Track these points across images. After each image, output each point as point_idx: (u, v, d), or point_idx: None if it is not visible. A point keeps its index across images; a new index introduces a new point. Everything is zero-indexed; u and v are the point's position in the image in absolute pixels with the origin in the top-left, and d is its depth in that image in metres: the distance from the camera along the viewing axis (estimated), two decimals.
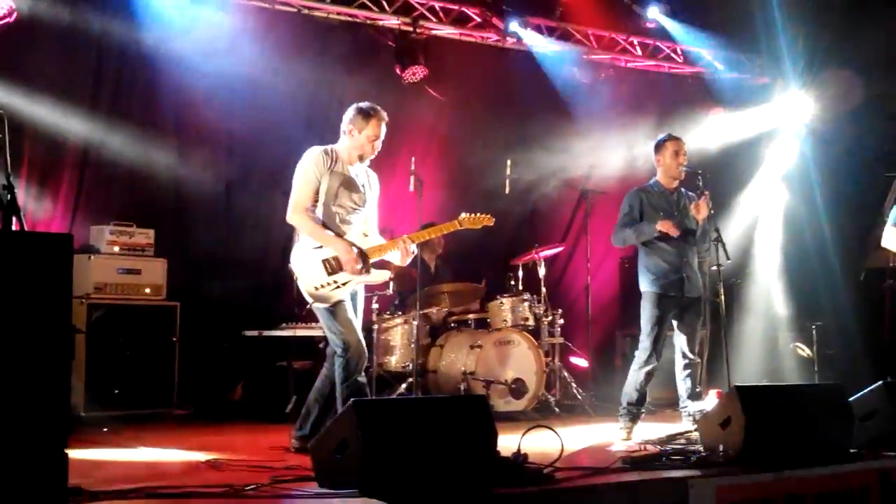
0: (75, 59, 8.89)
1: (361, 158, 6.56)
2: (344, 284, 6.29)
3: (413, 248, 6.55)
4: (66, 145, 8.86)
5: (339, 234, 6.34)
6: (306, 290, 6.29)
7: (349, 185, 6.45)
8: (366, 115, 6.47)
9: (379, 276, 6.61)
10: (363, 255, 6.38)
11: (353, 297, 6.46)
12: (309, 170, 6.35)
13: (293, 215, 6.31)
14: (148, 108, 9.35)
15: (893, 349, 8.51)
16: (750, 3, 11.37)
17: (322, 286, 6.24)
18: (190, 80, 9.20)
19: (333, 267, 6.26)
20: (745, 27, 11.67)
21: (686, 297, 7.43)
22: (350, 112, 6.53)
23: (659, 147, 7.64)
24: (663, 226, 7.31)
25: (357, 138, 6.48)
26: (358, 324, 6.42)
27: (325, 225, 6.33)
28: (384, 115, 6.52)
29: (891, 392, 6.30)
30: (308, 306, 6.43)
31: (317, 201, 6.35)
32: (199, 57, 9.13)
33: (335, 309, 6.28)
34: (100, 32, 8.94)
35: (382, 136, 6.55)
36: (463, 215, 6.96)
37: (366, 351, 6.40)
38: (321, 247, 6.28)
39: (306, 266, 6.28)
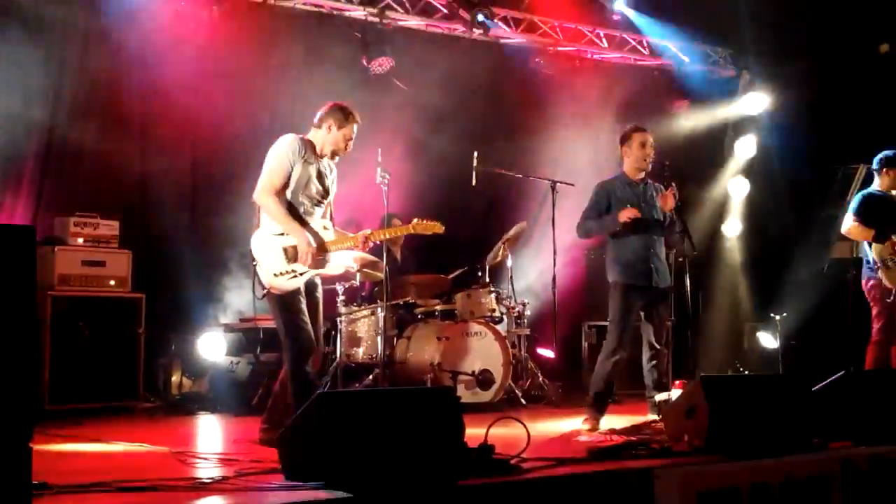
0: (39, 45, 8.80)
1: (333, 154, 6.59)
2: (301, 274, 6.28)
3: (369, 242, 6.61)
4: (29, 135, 8.78)
5: (302, 224, 6.34)
6: (265, 276, 6.26)
7: (318, 176, 6.48)
8: (346, 114, 6.52)
9: (336, 269, 6.62)
10: (322, 247, 6.40)
11: (313, 289, 6.47)
12: (284, 155, 6.33)
13: (263, 196, 6.27)
14: (112, 97, 9.27)
15: (856, 339, 8.59)
16: None
17: (280, 273, 6.24)
18: (155, 69, 9.14)
19: (290, 256, 6.26)
20: (710, 20, 11.73)
21: (654, 288, 7.47)
22: (330, 108, 6.54)
23: (625, 139, 7.66)
24: (624, 215, 7.34)
25: (334, 134, 6.50)
26: (317, 317, 6.46)
27: (289, 212, 6.33)
28: (358, 118, 6.58)
29: (853, 381, 6.36)
30: (264, 293, 6.37)
31: (286, 187, 6.34)
32: (164, 45, 9.08)
33: (290, 299, 6.28)
34: (64, 18, 8.87)
35: (354, 139, 6.61)
36: (416, 221, 7.03)
37: (315, 345, 6.39)
38: (283, 233, 6.28)
39: (266, 251, 6.26)
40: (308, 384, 6.20)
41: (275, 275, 6.23)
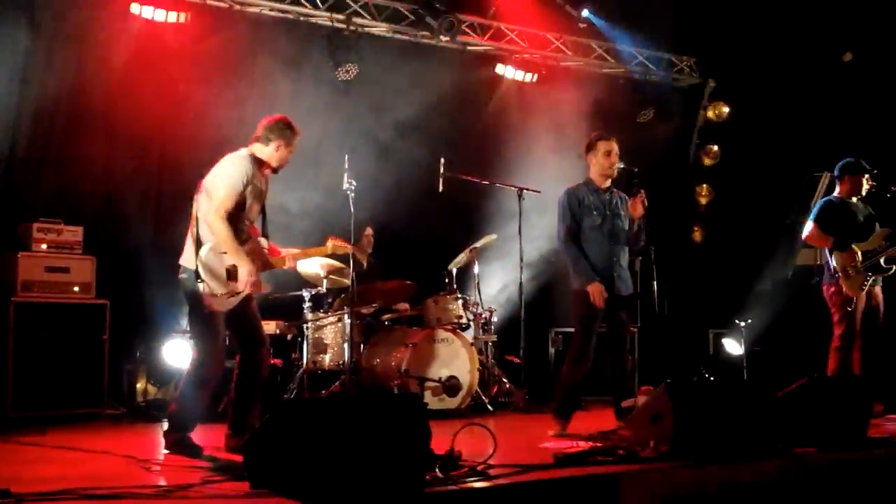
0: (3, 50, 8.73)
1: (276, 170, 6.59)
2: (236, 295, 6.28)
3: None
4: None
5: (241, 243, 6.32)
6: (209, 292, 6.21)
7: (259, 195, 6.48)
8: (293, 130, 6.52)
9: (267, 287, 6.68)
10: (265, 267, 6.55)
11: (247, 299, 6.44)
12: (239, 179, 6.27)
13: (216, 219, 6.16)
14: (78, 103, 9.22)
15: (820, 345, 8.67)
16: (681, 5, 11.52)
17: (220, 294, 6.22)
18: (122, 75, 9.10)
19: (231, 276, 6.24)
20: (675, 28, 11.81)
21: (617, 296, 7.50)
22: (276, 124, 6.50)
23: (591, 147, 7.67)
24: (593, 292, 7.30)
25: (282, 152, 6.49)
26: (257, 317, 6.57)
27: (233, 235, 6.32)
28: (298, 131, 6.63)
29: (816, 387, 6.41)
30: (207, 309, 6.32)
31: (237, 210, 6.31)
32: (132, 51, 9.04)
33: (217, 318, 6.29)
34: (29, 23, 8.82)
35: None
36: (330, 243, 7.22)
37: (218, 369, 6.46)
38: (224, 253, 6.24)
39: (212, 270, 6.21)
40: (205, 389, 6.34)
41: (214, 295, 6.20)
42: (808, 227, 8.58)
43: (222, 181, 6.27)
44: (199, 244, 6.22)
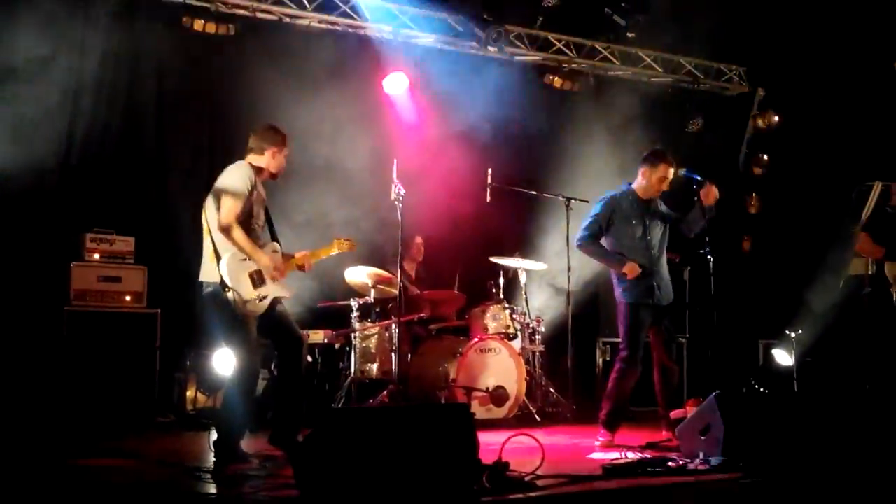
0: (60, 60, 8.86)
1: (275, 177, 6.69)
2: (264, 299, 6.37)
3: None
4: (48, 151, 8.85)
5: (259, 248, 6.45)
6: (241, 300, 6.28)
7: (262, 202, 6.58)
8: (282, 135, 6.66)
9: (288, 291, 6.69)
10: (284, 268, 6.60)
11: (275, 304, 6.52)
12: (244, 186, 6.37)
13: (232, 229, 6.27)
14: (131, 113, 9.33)
15: (872, 357, 8.54)
16: (729, 13, 11.45)
17: (250, 300, 6.30)
18: (172, 84, 9.19)
19: (256, 282, 6.33)
20: (724, 36, 11.73)
21: (658, 305, 7.48)
22: (265, 132, 6.64)
23: (652, 163, 7.65)
24: (629, 270, 7.41)
25: (278, 158, 6.61)
26: (289, 317, 6.64)
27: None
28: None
29: (869, 399, 6.34)
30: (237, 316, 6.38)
31: (246, 216, 6.40)
32: (183, 62, 9.13)
33: (249, 323, 6.36)
34: (84, 34, 8.95)
35: None
36: (336, 243, 7.32)
37: (258, 373, 6.53)
38: (245, 259, 6.32)
39: (239, 277, 6.29)
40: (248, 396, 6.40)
41: (245, 301, 6.27)
42: (861, 237, 8.47)
43: (226, 190, 6.37)
44: (218, 256, 6.30)
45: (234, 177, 6.41)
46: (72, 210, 9.00)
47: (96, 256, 8.60)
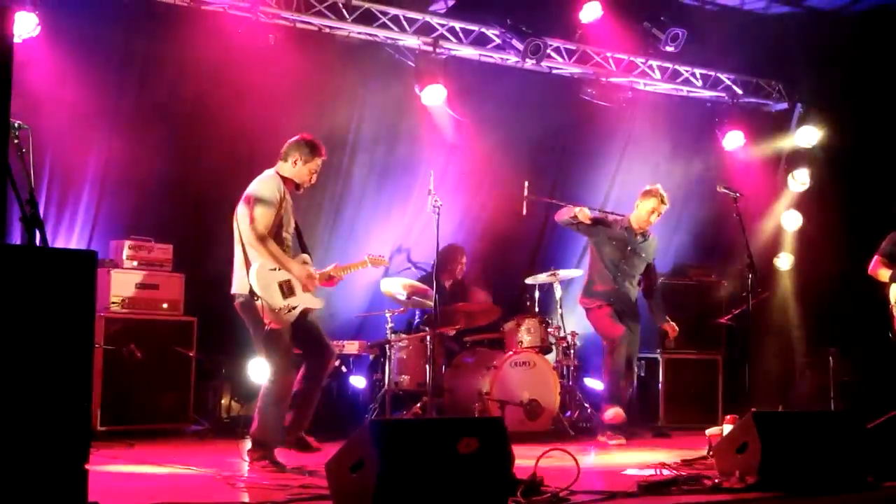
0: (98, 68, 8.94)
1: (298, 188, 6.69)
2: (293, 309, 6.40)
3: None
4: (86, 158, 8.93)
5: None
6: (270, 310, 6.30)
7: (291, 212, 6.60)
8: (313, 148, 6.64)
9: (320, 303, 6.71)
10: (315, 278, 6.63)
11: (306, 314, 6.54)
12: (274, 197, 6.41)
13: (262, 241, 6.31)
14: (169, 122, 9.39)
15: None
16: (769, 29, 11.40)
17: (279, 309, 6.34)
18: (212, 95, 9.25)
19: (286, 292, 6.37)
20: (764, 52, 11.66)
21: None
22: (297, 141, 6.66)
23: (644, 195, 8.67)
24: (582, 213, 8.64)
25: (300, 169, 6.62)
26: (319, 328, 6.68)
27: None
28: (325, 153, 6.74)
29: None
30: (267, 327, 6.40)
31: (276, 226, 6.44)
32: (222, 72, 9.19)
33: (281, 333, 6.38)
34: (123, 42, 9.03)
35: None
36: (367, 257, 7.42)
37: (292, 383, 6.52)
38: (275, 269, 6.34)
39: (267, 287, 6.32)
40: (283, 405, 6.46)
41: (274, 310, 6.30)
42: (874, 261, 8.59)
43: (255, 203, 6.39)
44: (248, 265, 6.34)
45: (264, 186, 6.46)
46: (110, 218, 9.07)
47: (134, 264, 8.66)
